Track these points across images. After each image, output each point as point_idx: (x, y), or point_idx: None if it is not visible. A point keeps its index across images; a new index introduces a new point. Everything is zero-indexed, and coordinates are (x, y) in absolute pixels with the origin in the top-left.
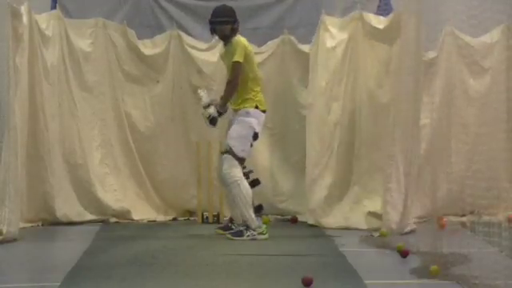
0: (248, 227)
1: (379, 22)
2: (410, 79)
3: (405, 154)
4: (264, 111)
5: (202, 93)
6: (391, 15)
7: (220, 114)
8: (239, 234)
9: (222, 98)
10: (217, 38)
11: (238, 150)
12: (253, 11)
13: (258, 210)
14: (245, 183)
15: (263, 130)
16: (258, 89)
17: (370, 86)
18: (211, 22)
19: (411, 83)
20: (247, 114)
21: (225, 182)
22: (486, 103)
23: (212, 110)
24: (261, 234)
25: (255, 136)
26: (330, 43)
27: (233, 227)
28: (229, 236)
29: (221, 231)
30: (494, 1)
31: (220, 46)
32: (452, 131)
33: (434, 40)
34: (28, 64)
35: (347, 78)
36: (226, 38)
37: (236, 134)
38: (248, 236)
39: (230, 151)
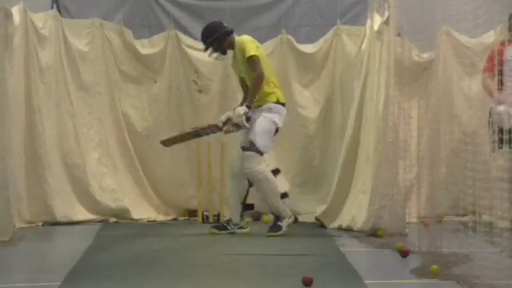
0: (279, 217)
1: None
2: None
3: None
4: (284, 104)
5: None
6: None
7: (249, 108)
8: (278, 228)
9: (250, 93)
10: (222, 57)
11: (262, 145)
12: (253, 11)
13: (249, 207)
14: (271, 175)
15: None
16: (275, 80)
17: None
18: (207, 47)
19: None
20: (270, 110)
21: (254, 179)
22: (483, 103)
23: (242, 110)
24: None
25: (276, 131)
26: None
27: (228, 227)
28: (270, 234)
29: (216, 230)
30: (493, 1)
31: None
32: (450, 131)
33: (431, 40)
34: (24, 65)
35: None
36: (227, 48)
37: (261, 129)
38: (285, 228)
39: (252, 147)
